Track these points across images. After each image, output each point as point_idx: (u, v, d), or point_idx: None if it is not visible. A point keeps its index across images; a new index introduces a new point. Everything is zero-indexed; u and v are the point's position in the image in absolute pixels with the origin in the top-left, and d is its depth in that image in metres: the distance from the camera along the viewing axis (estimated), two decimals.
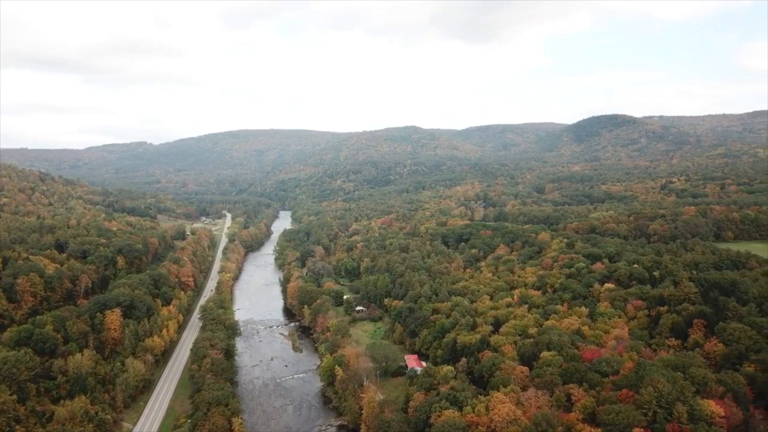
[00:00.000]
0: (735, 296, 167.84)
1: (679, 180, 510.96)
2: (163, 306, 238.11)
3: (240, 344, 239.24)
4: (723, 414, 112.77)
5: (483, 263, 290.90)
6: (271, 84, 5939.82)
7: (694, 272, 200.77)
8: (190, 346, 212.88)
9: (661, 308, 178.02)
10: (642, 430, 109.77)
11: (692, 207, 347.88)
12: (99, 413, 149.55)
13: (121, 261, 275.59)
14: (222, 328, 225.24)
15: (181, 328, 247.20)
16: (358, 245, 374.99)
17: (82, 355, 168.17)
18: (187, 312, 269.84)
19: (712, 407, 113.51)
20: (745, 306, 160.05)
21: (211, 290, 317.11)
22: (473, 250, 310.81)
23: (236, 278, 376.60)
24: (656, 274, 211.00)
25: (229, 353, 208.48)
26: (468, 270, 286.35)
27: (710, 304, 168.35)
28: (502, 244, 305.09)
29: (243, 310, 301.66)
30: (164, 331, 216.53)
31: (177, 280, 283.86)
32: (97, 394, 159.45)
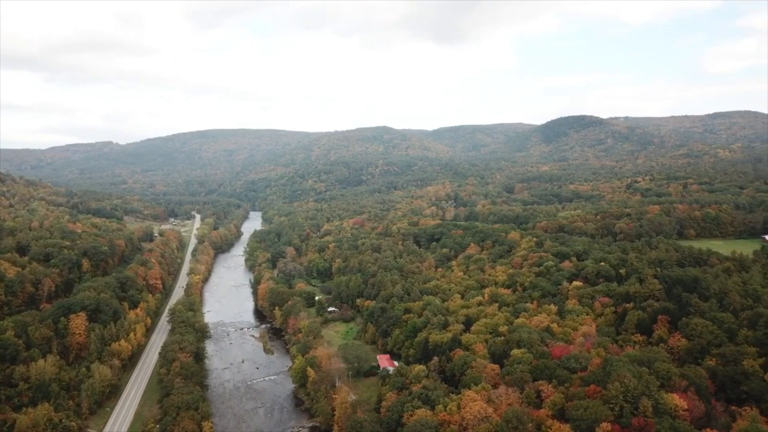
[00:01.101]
0: (697, 292, 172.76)
1: (643, 179, 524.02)
2: (130, 309, 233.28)
3: (210, 347, 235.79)
4: (686, 407, 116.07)
5: (454, 262, 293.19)
6: (242, 83, 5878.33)
7: (659, 269, 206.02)
8: (159, 349, 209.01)
9: (627, 305, 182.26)
10: (609, 424, 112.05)
11: (656, 206, 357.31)
12: (63, 420, 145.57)
13: (86, 264, 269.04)
14: (191, 331, 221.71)
15: (149, 331, 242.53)
16: (330, 246, 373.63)
17: (46, 361, 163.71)
18: (156, 315, 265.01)
19: (676, 401, 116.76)
20: (706, 302, 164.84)
21: (181, 292, 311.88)
22: (445, 250, 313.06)
23: (206, 280, 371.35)
24: (622, 271, 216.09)
25: (199, 356, 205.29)
26: (439, 269, 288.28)
27: (674, 300, 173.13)
28: (473, 244, 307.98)
29: (213, 313, 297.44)
30: (132, 334, 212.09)
31: (145, 282, 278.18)
32: (62, 400, 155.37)
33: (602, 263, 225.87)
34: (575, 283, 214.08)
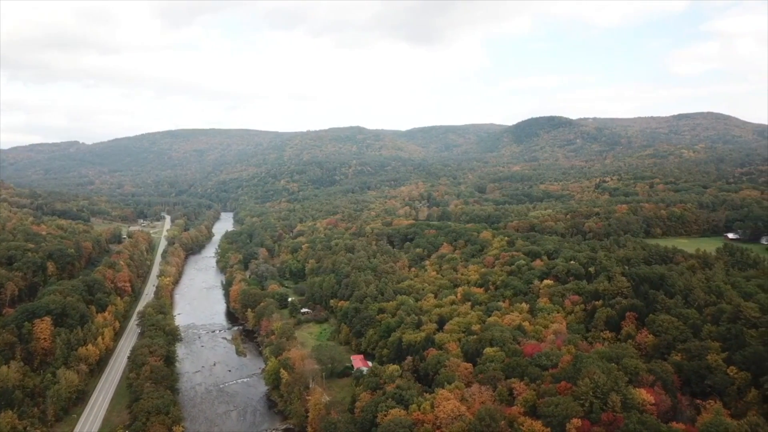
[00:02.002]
0: (663, 289, 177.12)
1: (612, 179, 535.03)
2: (98, 313, 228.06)
3: (181, 350, 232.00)
4: (653, 401, 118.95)
5: (428, 262, 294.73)
6: (213, 83, 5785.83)
7: (627, 267, 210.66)
8: (128, 353, 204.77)
9: (597, 302, 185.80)
10: (580, 420, 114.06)
11: (624, 205, 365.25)
12: (28, 428, 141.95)
13: (51, 267, 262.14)
14: (162, 334, 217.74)
15: (117, 335, 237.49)
16: (303, 246, 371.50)
17: (9, 367, 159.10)
18: (125, 318, 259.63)
19: (644, 395, 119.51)
20: (672, 298, 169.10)
21: (151, 295, 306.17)
22: (418, 250, 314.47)
23: (176, 282, 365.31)
24: (592, 269, 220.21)
25: (170, 360, 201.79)
26: (413, 269, 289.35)
27: (641, 297, 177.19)
28: (446, 243, 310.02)
29: (184, 315, 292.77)
30: (99, 339, 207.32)
31: (113, 285, 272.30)
32: (26, 408, 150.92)
33: (572, 262, 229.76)
34: (546, 281, 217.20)
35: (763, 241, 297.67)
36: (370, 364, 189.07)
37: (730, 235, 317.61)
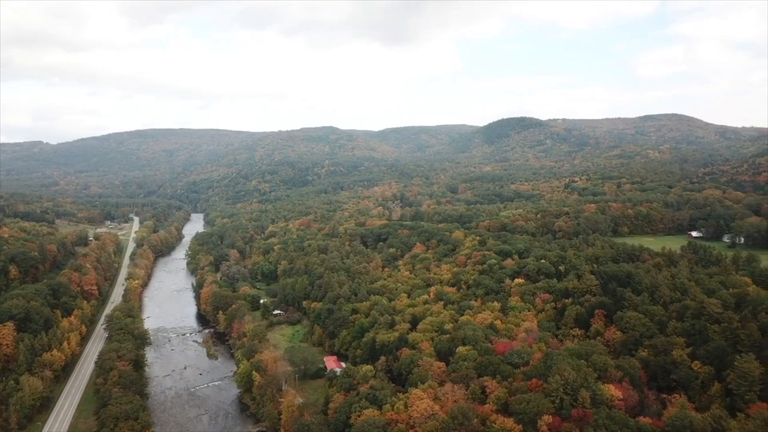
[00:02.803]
0: (630, 287, 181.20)
1: (580, 179, 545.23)
2: (63, 317, 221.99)
3: (150, 354, 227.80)
4: (621, 397, 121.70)
5: (401, 262, 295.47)
6: (182, 82, 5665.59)
7: (595, 266, 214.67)
8: (95, 358, 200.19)
9: (566, 300, 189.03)
10: (550, 416, 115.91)
11: (593, 205, 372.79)
12: None
13: (14, 270, 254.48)
14: (130, 338, 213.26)
15: (84, 340, 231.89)
16: (275, 247, 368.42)
17: None
18: (91, 323, 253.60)
19: (612, 391, 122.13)
20: (639, 296, 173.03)
21: (119, 298, 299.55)
22: (391, 250, 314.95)
23: (145, 285, 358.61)
24: (561, 268, 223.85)
25: (139, 364, 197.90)
26: (386, 269, 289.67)
27: (609, 295, 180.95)
28: (418, 243, 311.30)
29: (153, 318, 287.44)
30: (65, 344, 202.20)
31: (79, 288, 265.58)
32: None
33: (542, 261, 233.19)
34: (517, 280, 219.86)
35: (725, 239, 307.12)
36: (343, 365, 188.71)
37: (694, 234, 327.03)
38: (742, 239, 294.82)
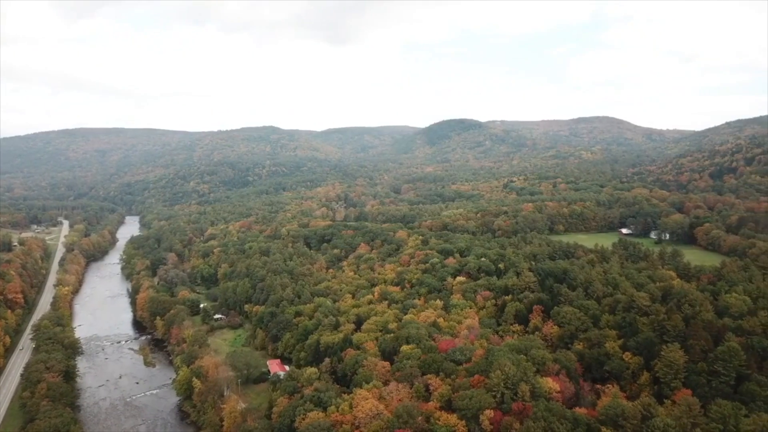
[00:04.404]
0: (566, 283, 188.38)
1: (518, 179, 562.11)
2: None
3: (82, 364, 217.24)
4: (559, 389, 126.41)
5: (345, 263, 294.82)
6: (116, 80, 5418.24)
7: (533, 263, 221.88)
8: (21, 371, 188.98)
9: (506, 297, 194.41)
10: (492, 411, 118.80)
11: (530, 204, 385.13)
12: None
13: None
14: (60, 348, 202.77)
15: (9, 351, 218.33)
16: (215, 250, 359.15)
17: None
18: (17, 333, 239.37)
19: (550, 384, 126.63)
20: (574, 291, 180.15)
21: (47, 306, 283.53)
22: (336, 250, 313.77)
23: (76, 291, 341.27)
24: (501, 266, 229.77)
25: (70, 375, 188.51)
26: (331, 270, 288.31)
27: (547, 291, 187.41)
28: (363, 243, 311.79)
29: (85, 326, 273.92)
30: None
31: (2, 297, 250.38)
32: None
33: (483, 259, 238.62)
34: (459, 278, 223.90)
35: (652, 235, 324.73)
36: (287, 368, 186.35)
37: (624, 231, 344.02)
38: (667, 235, 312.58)
